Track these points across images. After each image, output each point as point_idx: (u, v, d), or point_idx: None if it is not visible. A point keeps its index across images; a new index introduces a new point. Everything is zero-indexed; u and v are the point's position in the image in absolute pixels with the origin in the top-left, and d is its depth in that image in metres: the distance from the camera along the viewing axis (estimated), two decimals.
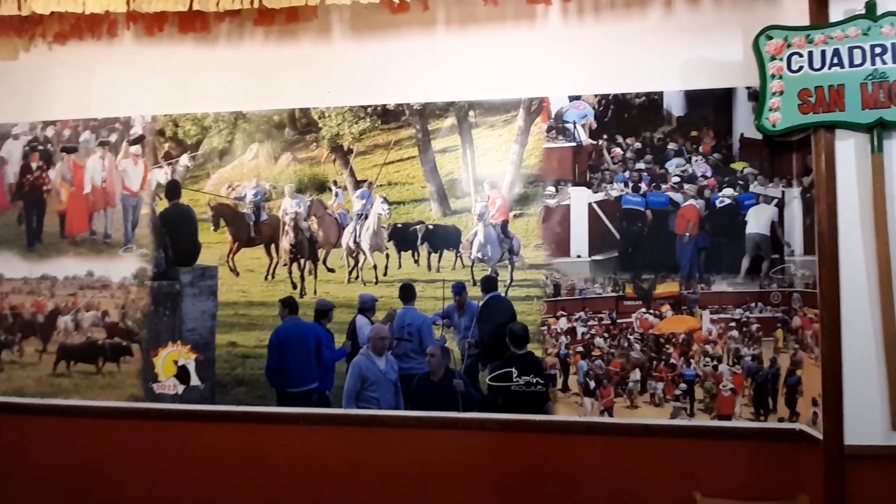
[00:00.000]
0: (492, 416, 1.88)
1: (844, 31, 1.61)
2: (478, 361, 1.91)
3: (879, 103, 1.58)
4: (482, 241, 1.93)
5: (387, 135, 2.00)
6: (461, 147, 1.96)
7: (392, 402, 1.93)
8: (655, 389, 1.83)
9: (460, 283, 1.94)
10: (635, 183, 1.87)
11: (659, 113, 1.87)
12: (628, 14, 1.89)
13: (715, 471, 1.79)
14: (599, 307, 1.88)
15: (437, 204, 1.97)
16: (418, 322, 1.94)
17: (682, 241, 1.85)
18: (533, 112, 1.92)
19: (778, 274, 1.81)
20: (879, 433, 1.60)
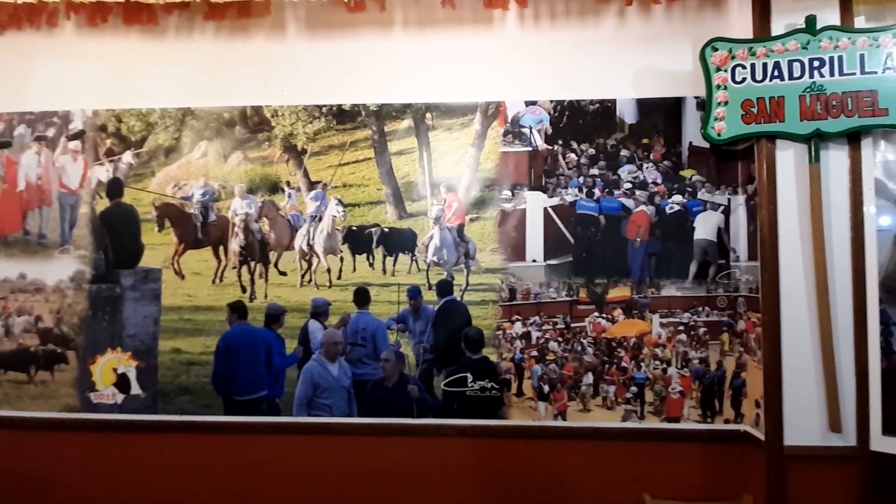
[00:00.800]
0: (447, 421, 1.82)
1: (785, 44, 1.63)
2: (433, 366, 1.84)
3: (817, 115, 1.60)
4: (438, 244, 1.87)
5: (342, 135, 1.92)
6: (418, 149, 1.90)
7: (345, 409, 1.83)
8: (607, 393, 1.81)
9: (416, 288, 1.87)
10: (589, 188, 1.86)
11: (612, 120, 1.86)
12: (583, 22, 1.88)
13: (664, 472, 1.78)
14: (554, 311, 1.84)
15: (393, 207, 1.89)
16: (373, 327, 1.85)
17: (633, 247, 1.84)
18: (490, 116, 1.88)
19: (724, 279, 1.82)
20: (818, 434, 1.62)
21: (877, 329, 1.61)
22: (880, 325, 1.70)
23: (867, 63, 1.57)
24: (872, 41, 1.57)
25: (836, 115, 1.59)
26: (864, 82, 1.57)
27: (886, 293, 1.73)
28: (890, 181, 1.80)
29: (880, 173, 1.76)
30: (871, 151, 1.65)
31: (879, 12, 1.68)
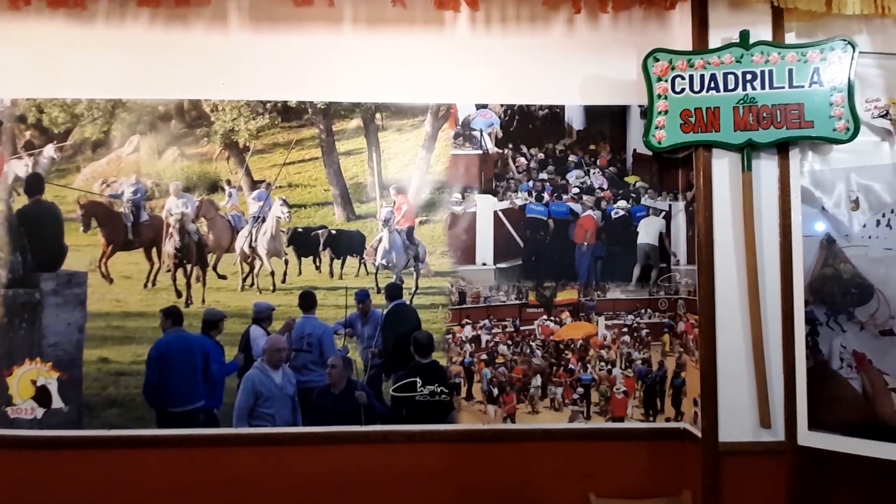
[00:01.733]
0: (395, 427, 1.74)
1: (720, 57, 1.66)
2: (381, 372, 1.75)
3: (749, 126, 1.64)
4: (387, 247, 1.78)
5: (287, 133, 1.80)
6: (367, 150, 1.81)
7: (289, 419, 1.72)
8: (555, 394, 1.78)
9: (364, 291, 1.77)
10: (538, 192, 1.83)
11: (561, 125, 1.84)
12: (533, 28, 1.85)
13: (609, 471, 1.78)
14: (503, 315, 1.80)
15: (341, 208, 1.79)
16: (319, 332, 1.74)
17: (580, 250, 1.82)
18: (440, 118, 1.81)
19: (665, 282, 1.84)
20: (750, 430, 1.66)
21: (803, 330, 1.66)
22: (807, 325, 1.76)
23: (795, 77, 1.62)
24: (800, 56, 1.63)
25: (767, 126, 1.63)
26: (792, 95, 1.62)
27: (813, 295, 1.81)
28: (816, 190, 1.88)
29: (807, 182, 1.82)
30: (799, 161, 1.71)
31: (810, 29, 1.73)
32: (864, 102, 1.82)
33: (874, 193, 1.84)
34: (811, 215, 1.85)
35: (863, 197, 1.85)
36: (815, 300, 1.81)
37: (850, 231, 1.82)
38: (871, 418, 1.65)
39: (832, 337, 1.83)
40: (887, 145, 1.85)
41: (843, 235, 1.82)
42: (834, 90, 1.60)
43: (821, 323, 1.84)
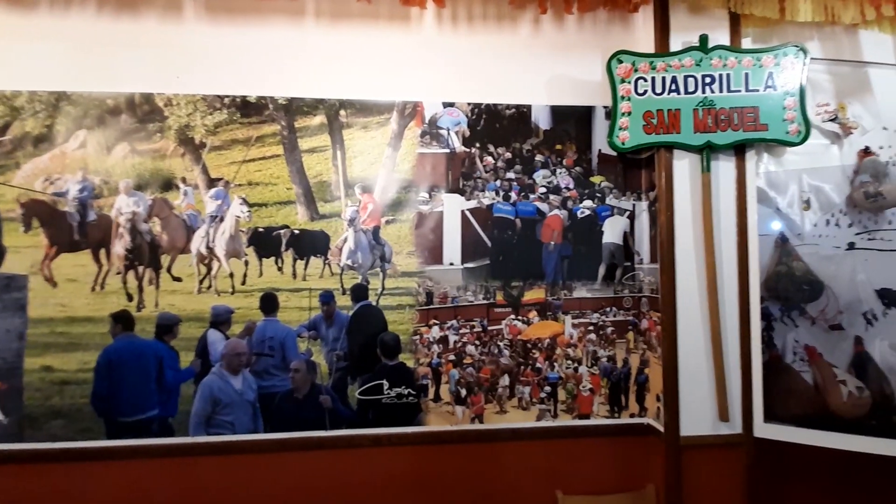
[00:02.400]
0: (361, 431, 1.68)
1: (681, 60, 1.67)
2: (347, 375, 1.69)
3: (708, 128, 1.66)
4: (353, 247, 1.72)
5: (247, 129, 1.71)
6: (331, 148, 1.74)
7: (249, 425, 1.63)
8: (523, 394, 1.76)
9: (329, 293, 1.71)
10: (506, 192, 1.80)
11: (528, 125, 1.82)
12: (500, 27, 1.82)
13: (576, 468, 1.77)
14: (471, 315, 1.77)
15: (305, 207, 1.72)
16: (281, 335, 1.67)
17: (547, 250, 1.81)
18: (407, 116, 1.77)
19: (629, 280, 1.85)
20: (710, 424, 1.68)
21: (758, 326, 1.70)
22: (763, 321, 1.80)
23: (751, 81, 1.65)
24: (756, 61, 1.66)
25: (725, 128, 1.65)
26: (748, 99, 1.65)
27: (768, 292, 1.86)
28: (771, 190, 1.93)
29: (763, 183, 1.87)
30: (755, 163, 1.75)
31: (765, 35, 1.77)
32: (815, 107, 1.88)
33: (824, 194, 1.90)
34: (766, 215, 1.89)
35: (814, 197, 1.91)
36: (770, 297, 1.85)
37: (803, 230, 1.88)
38: (822, 409, 1.71)
39: (786, 332, 1.88)
40: (836, 148, 1.93)
41: (796, 234, 1.88)
42: (787, 94, 1.64)
43: (776, 318, 1.89)
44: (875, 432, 1.60)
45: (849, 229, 1.88)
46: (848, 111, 1.92)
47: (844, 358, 1.82)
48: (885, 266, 1.80)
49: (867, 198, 1.80)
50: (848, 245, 1.87)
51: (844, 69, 1.90)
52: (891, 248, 1.80)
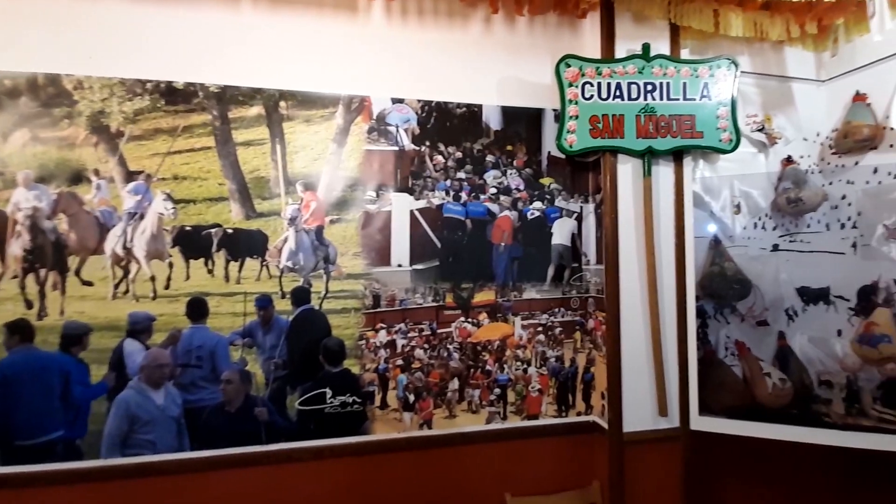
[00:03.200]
0: (301, 444, 1.57)
1: (625, 67, 1.71)
2: (286, 384, 1.57)
3: (649, 134, 1.71)
4: (293, 248, 1.61)
5: (173, 118, 1.54)
6: (270, 141, 1.61)
7: (173, 444, 1.48)
8: (472, 397, 1.73)
9: (266, 297, 1.58)
10: (456, 192, 1.76)
11: (479, 125, 1.79)
12: (451, 24, 1.78)
13: (525, 469, 1.76)
14: (420, 318, 1.71)
15: (239, 205, 1.58)
16: (211, 343, 1.52)
17: (497, 251, 1.79)
18: (353, 110, 1.68)
19: (577, 281, 1.87)
20: (650, 419, 1.74)
21: (694, 323, 1.78)
22: (698, 318, 1.89)
23: (688, 90, 1.72)
24: (693, 71, 1.73)
25: (664, 135, 1.71)
26: (686, 107, 1.72)
27: (703, 291, 1.95)
28: (706, 195, 2.03)
29: (699, 188, 1.96)
30: (692, 169, 1.83)
31: (702, 47, 1.86)
32: (745, 117, 2.00)
33: (753, 199, 2.03)
34: (702, 218, 1.99)
35: (744, 202, 2.04)
36: (705, 295, 1.95)
37: (734, 233, 1.99)
38: (750, 401, 1.81)
39: (719, 328, 1.99)
40: (763, 156, 2.07)
41: (728, 237, 1.99)
42: (720, 104, 1.73)
43: (710, 316, 1.99)
44: (796, 421, 1.72)
45: (773, 232, 2.02)
46: (773, 122, 2.06)
47: (769, 352, 1.95)
48: (804, 266, 1.96)
49: (789, 203, 1.94)
50: (773, 247, 2.01)
51: (771, 83, 2.04)
52: (809, 250, 1.96)
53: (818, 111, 2.07)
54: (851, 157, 1.95)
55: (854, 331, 1.79)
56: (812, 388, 1.87)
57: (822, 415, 1.75)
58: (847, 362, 1.80)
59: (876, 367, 1.71)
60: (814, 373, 1.90)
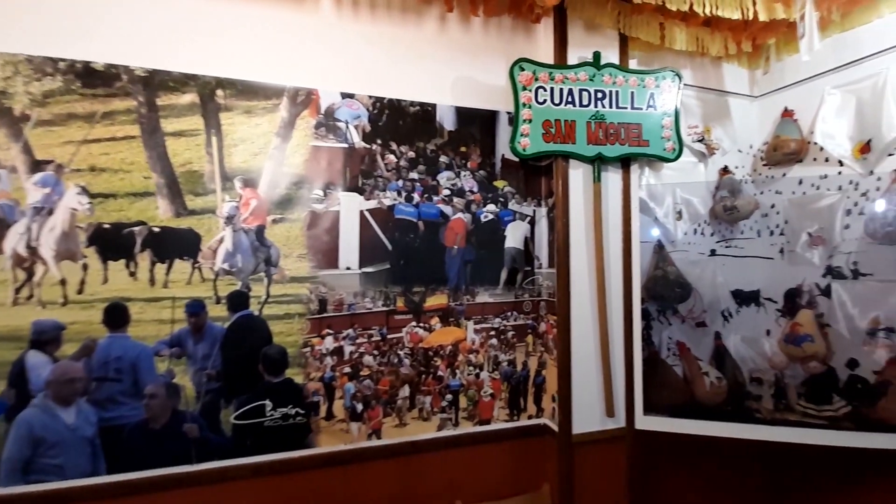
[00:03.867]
0: (238, 461, 1.46)
1: (577, 74, 1.74)
2: (220, 397, 1.45)
3: (599, 140, 1.75)
4: (230, 249, 1.50)
5: (91, 103, 1.38)
6: (205, 132, 1.49)
7: (86, 468, 1.32)
8: (424, 404, 1.69)
9: (198, 302, 1.46)
10: (408, 192, 1.72)
11: (432, 124, 1.76)
12: (404, 20, 1.73)
13: (476, 476, 1.75)
14: (369, 323, 1.65)
15: (168, 201, 1.45)
16: (132, 354, 1.37)
17: (450, 254, 1.77)
18: (299, 104, 1.59)
19: (529, 285, 1.88)
20: (598, 420, 1.78)
21: (639, 325, 1.84)
22: (643, 320, 1.96)
23: (636, 100, 1.78)
24: (640, 81, 1.79)
25: (613, 142, 1.76)
26: (633, 116, 1.78)
27: (647, 293, 2.03)
28: (651, 201, 2.11)
29: (644, 195, 2.04)
30: (638, 176, 1.90)
31: (649, 58, 1.93)
32: (687, 128, 2.11)
33: (693, 206, 2.14)
34: (647, 223, 2.07)
35: (685, 209, 2.14)
36: (650, 298, 2.03)
37: (676, 238, 2.09)
38: (690, 399, 1.91)
39: (662, 330, 2.08)
40: (702, 166, 2.18)
41: (671, 242, 2.09)
42: (665, 114, 1.80)
43: (653, 318, 2.08)
44: (731, 417, 1.82)
45: (711, 238, 2.14)
46: (712, 134, 2.19)
47: (707, 351, 2.06)
48: (737, 270, 2.09)
49: (725, 211, 2.06)
50: (710, 252, 2.13)
51: (710, 96, 2.16)
52: (742, 255, 2.10)
53: (751, 125, 2.22)
54: (780, 168, 2.11)
55: (781, 331, 1.94)
56: (745, 386, 2.00)
57: (753, 411, 1.87)
58: (775, 360, 1.93)
59: (800, 364, 1.85)
60: (746, 371, 2.04)
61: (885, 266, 1.69)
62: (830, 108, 1.89)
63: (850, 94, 1.84)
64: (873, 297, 1.70)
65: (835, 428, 1.66)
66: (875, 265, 1.72)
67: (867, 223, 1.71)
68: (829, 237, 1.87)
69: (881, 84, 1.72)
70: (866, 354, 1.69)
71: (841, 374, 1.74)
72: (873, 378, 1.66)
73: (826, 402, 1.76)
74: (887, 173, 1.68)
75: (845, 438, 1.62)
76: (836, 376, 1.76)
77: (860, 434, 1.61)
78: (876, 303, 1.70)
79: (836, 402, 1.75)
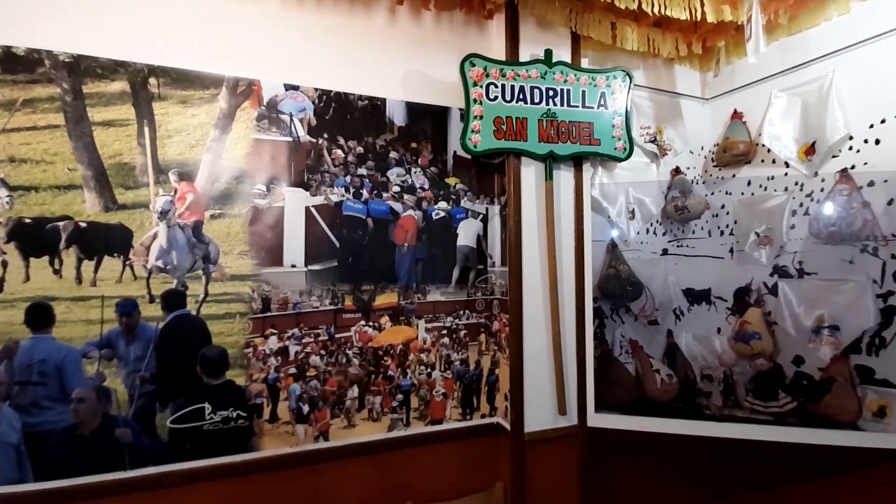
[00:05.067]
0: (174, 467, 1.43)
1: (528, 71, 1.77)
2: (154, 401, 1.42)
3: (551, 138, 1.79)
4: (165, 245, 1.46)
5: (10, 89, 1.31)
6: (137, 122, 1.44)
7: (11, 475, 1.26)
8: (374, 404, 1.69)
9: (130, 301, 1.41)
10: (357, 189, 1.71)
11: (382, 119, 1.76)
12: (352, 10, 1.72)
13: (428, 477, 1.76)
14: (316, 322, 1.64)
15: (96, 194, 1.40)
16: (58, 356, 1.32)
17: (401, 252, 1.77)
18: (240, 94, 1.55)
19: (482, 283, 1.91)
20: (550, 418, 1.82)
21: (591, 323, 1.89)
22: (596, 318, 2.01)
23: (587, 98, 1.82)
24: (591, 80, 1.83)
25: (565, 140, 1.80)
26: (585, 115, 1.82)
27: (601, 292, 2.09)
28: (604, 201, 2.16)
29: (597, 194, 2.08)
30: (591, 174, 1.94)
31: (601, 58, 1.98)
32: (640, 128, 2.17)
33: (645, 206, 2.20)
34: (600, 223, 2.13)
35: (637, 209, 2.21)
36: (603, 296, 2.09)
37: (629, 237, 2.16)
38: (642, 397, 1.97)
39: (615, 328, 2.14)
40: (655, 166, 2.25)
41: (624, 241, 2.15)
42: (616, 114, 1.85)
43: (607, 316, 2.14)
44: (681, 414, 1.89)
45: (663, 237, 2.22)
46: (664, 134, 2.26)
47: (659, 349, 2.14)
48: (689, 269, 2.17)
49: (676, 210, 2.13)
50: (662, 251, 2.21)
51: (663, 98, 2.23)
52: (693, 254, 2.18)
53: (703, 126, 2.31)
54: (730, 170, 2.20)
55: (731, 328, 2.03)
56: (696, 382, 2.08)
57: (703, 407, 1.94)
58: (724, 358, 2.01)
59: (748, 361, 1.94)
60: (697, 368, 2.12)
61: (828, 265, 1.77)
62: (777, 110, 1.98)
63: (795, 97, 1.92)
64: (818, 296, 1.78)
65: (781, 424, 1.72)
66: (819, 264, 1.80)
67: (811, 223, 1.79)
68: (776, 237, 1.96)
69: (826, 87, 1.80)
70: (811, 351, 1.76)
71: (787, 371, 1.82)
72: (818, 374, 1.74)
73: (772, 398, 1.85)
74: (831, 174, 1.76)
75: (791, 434, 1.67)
76: (782, 373, 1.85)
77: (805, 430, 1.66)
78: (820, 301, 1.77)
79: (783, 398, 1.83)
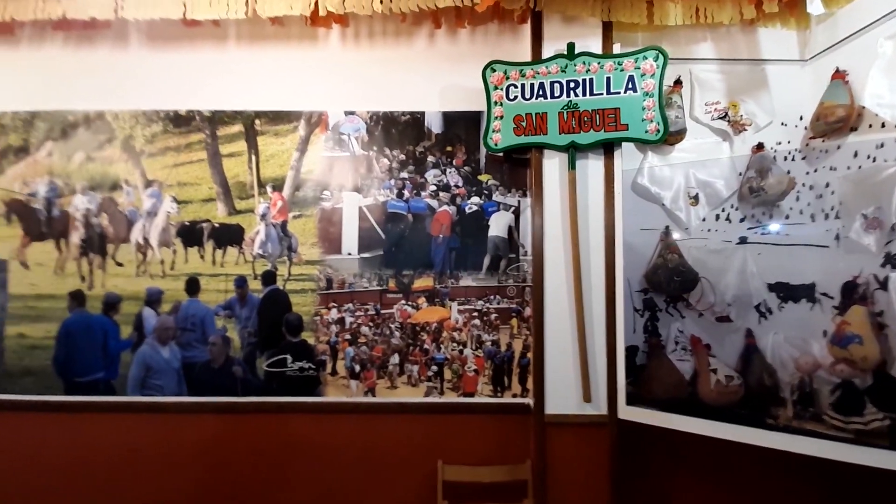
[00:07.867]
0: (268, 399, 2.05)
1: (548, 67, 1.91)
2: (256, 349, 2.06)
3: (572, 129, 1.88)
4: (264, 238, 2.10)
5: (178, 138, 2.13)
6: (247, 152, 2.12)
7: (175, 389, 2.05)
8: (411, 371, 2.07)
9: (242, 277, 2.09)
10: (399, 190, 2.11)
11: (421, 129, 2.12)
12: (397, 42, 2.14)
13: (458, 442, 2.04)
14: (366, 299, 2.09)
15: (224, 204, 2.12)
16: (202, 313, 2.07)
17: (436, 242, 2.10)
18: (313, 124, 2.12)
19: (514, 271, 2.10)
20: (574, 404, 1.91)
21: (622, 314, 1.89)
22: (647, 310, 1.99)
23: (612, 84, 1.86)
24: (617, 65, 1.86)
25: (588, 129, 1.87)
26: (610, 101, 1.86)
27: (650, 283, 2.04)
28: (654, 186, 2.08)
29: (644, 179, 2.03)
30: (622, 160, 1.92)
31: (632, 39, 1.97)
32: (705, 105, 2.05)
33: (713, 189, 2.05)
34: (652, 210, 2.07)
35: (701, 192, 2.07)
36: (653, 288, 2.04)
37: (690, 225, 2.04)
38: (690, 396, 1.87)
39: (671, 322, 2.05)
40: (727, 145, 2.07)
41: (684, 229, 2.04)
42: (646, 95, 1.83)
43: (660, 309, 2.07)
44: (744, 421, 1.75)
45: (740, 224, 2.02)
46: (742, 108, 2.06)
47: (734, 350, 1.97)
48: (779, 260, 1.93)
49: (751, 192, 1.94)
50: (740, 239, 2.02)
51: (739, 68, 2.05)
52: (788, 243, 1.94)
53: (801, 93, 2.02)
54: (833, 140, 1.89)
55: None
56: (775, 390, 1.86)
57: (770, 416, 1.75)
58: (801, 362, 1.78)
59: (849, 368, 1.67)
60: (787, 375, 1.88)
61: None
62: (882, 63, 1.67)
63: None
64: None
65: (864, 444, 1.50)
66: None
67: None
68: (886, 218, 1.65)
69: None
70: None
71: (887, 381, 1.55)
72: None
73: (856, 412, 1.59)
74: None
75: (875, 457, 1.45)
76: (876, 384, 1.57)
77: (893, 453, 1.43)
78: None
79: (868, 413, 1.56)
